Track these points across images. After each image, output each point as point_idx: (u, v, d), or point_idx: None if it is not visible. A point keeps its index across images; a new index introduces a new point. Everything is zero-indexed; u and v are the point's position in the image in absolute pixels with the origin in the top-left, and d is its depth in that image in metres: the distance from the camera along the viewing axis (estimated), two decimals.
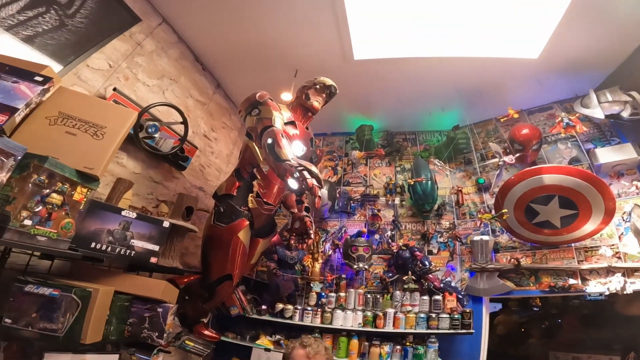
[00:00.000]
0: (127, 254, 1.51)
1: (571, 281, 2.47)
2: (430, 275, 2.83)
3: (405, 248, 3.01)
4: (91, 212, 1.39)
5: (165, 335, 1.70)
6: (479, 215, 2.98)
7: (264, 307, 2.87)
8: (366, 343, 2.69)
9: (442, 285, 2.80)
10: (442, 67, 2.83)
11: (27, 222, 1.12)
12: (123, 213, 1.51)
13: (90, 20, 2.05)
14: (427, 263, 2.88)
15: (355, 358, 2.61)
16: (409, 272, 2.88)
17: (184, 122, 2.35)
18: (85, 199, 1.30)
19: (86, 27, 2.03)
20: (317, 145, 3.02)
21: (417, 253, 2.94)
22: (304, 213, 2.52)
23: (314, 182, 1.66)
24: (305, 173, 1.66)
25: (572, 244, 2.63)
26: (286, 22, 2.56)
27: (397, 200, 3.44)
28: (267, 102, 2.09)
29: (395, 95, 3.29)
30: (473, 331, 2.53)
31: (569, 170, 2.50)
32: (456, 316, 2.58)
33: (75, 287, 1.33)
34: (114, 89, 2.08)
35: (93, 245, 1.40)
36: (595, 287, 2.40)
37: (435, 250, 3.18)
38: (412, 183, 3.21)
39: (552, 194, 2.52)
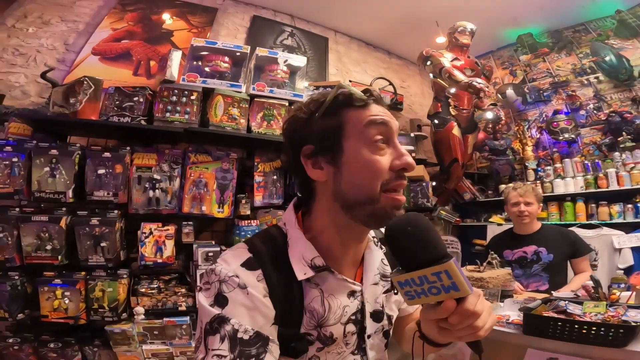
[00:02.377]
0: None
1: None
2: None
3: (613, 114, 3.14)
4: None
5: (430, 199, 3.01)
6: None
7: (489, 192, 3.74)
8: (593, 205, 2.84)
9: None
10: None
11: None
12: None
13: (308, 47, 3.48)
14: (637, 121, 2.93)
15: (584, 219, 2.86)
16: (623, 133, 3.01)
17: (390, 83, 3.62)
18: None
19: (313, 53, 3.48)
20: (483, 64, 3.64)
21: (626, 115, 3.03)
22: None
23: (480, 85, 2.79)
24: (474, 83, 2.79)
25: None
26: None
27: (591, 78, 3.49)
28: (432, 54, 3.17)
29: None
30: None
31: None
32: None
33: None
34: (350, 81, 3.57)
35: None
36: None
37: None
38: (587, 64, 3.34)
39: None
